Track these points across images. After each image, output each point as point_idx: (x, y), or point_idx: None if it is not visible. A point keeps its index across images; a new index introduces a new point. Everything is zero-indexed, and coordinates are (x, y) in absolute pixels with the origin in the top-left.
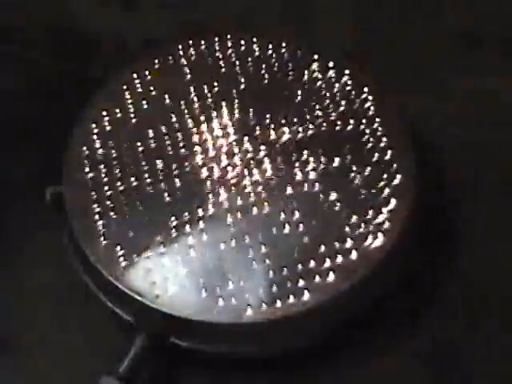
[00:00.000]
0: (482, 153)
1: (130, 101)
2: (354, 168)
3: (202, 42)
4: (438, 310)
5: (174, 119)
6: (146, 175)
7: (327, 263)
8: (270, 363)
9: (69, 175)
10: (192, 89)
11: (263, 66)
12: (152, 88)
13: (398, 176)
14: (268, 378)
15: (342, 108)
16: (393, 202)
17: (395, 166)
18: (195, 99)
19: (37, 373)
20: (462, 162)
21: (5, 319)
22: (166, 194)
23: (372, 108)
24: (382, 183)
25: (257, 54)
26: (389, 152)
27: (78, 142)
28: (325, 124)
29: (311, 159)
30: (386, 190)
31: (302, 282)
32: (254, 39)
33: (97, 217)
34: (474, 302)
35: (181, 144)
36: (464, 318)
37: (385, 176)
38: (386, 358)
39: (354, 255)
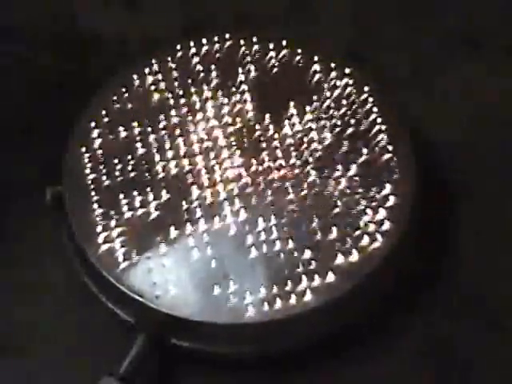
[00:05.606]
0: (481, 152)
1: (129, 101)
2: (354, 168)
3: (202, 42)
4: (438, 310)
5: (174, 119)
6: (146, 175)
7: (328, 264)
8: (270, 363)
9: (69, 175)
10: (192, 89)
11: (263, 66)
12: (152, 88)
13: (398, 176)
14: (268, 378)
15: (342, 108)
16: (392, 201)
17: (395, 165)
18: (195, 99)
19: (37, 373)
20: (462, 162)
21: (5, 319)
22: (166, 194)
23: (372, 108)
24: (382, 183)
25: (257, 54)
26: (389, 151)
27: (77, 141)
28: (325, 124)
29: (311, 159)
30: (386, 190)
31: (302, 283)
32: (254, 39)
33: (97, 217)
34: (473, 301)
35: (181, 144)
36: (463, 317)
37: (385, 176)
38: (385, 357)
39: (354, 256)
